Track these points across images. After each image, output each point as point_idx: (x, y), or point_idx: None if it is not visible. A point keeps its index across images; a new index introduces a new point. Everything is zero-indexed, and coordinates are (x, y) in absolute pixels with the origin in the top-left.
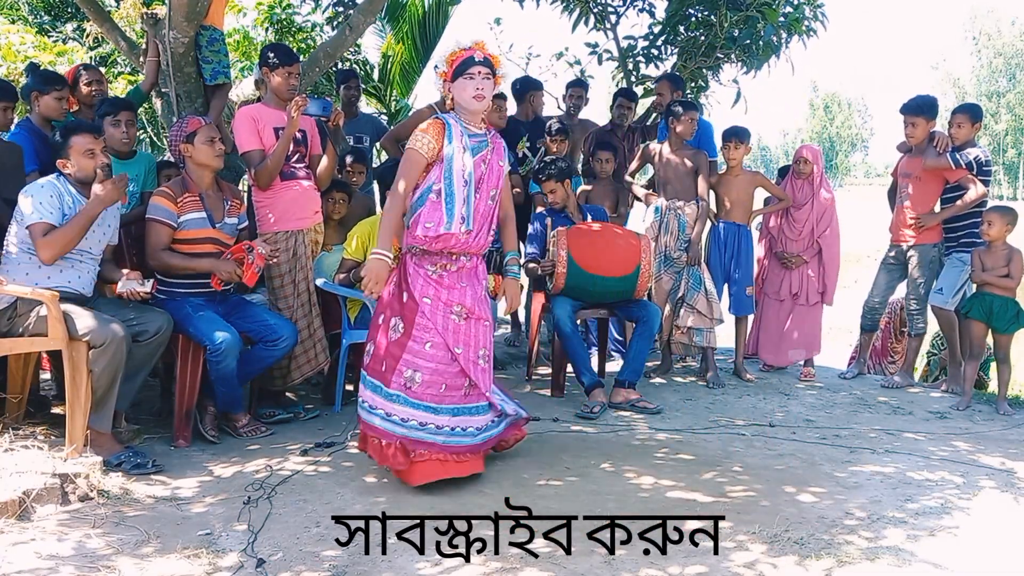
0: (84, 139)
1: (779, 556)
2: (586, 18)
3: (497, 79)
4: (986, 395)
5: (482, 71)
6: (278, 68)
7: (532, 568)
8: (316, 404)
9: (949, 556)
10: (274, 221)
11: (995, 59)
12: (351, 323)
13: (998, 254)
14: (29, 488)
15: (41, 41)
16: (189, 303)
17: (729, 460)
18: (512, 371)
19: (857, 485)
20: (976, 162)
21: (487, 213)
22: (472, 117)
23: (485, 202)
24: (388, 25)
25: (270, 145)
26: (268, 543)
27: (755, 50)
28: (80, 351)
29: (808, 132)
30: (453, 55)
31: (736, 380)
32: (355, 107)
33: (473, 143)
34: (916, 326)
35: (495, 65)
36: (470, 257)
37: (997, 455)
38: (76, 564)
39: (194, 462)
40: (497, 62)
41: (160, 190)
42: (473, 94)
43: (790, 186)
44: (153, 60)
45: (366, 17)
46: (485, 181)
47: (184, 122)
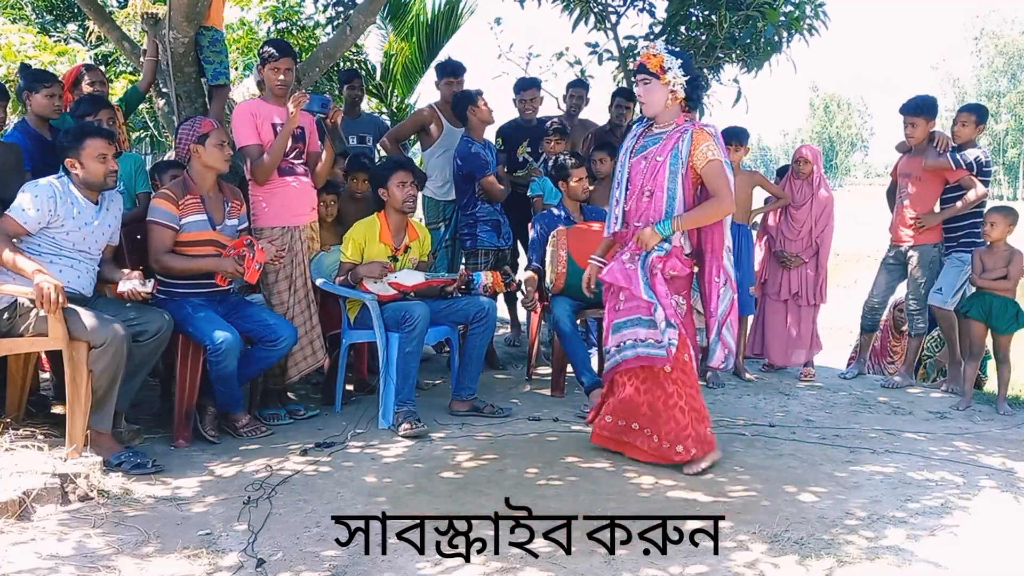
0: (99, 143)
1: (780, 556)
2: (586, 18)
3: (663, 78)
4: (986, 395)
5: (638, 78)
6: (268, 62)
7: (532, 568)
8: (316, 404)
9: (950, 556)
10: (270, 216)
11: (996, 59)
12: (351, 323)
13: (999, 255)
14: (29, 488)
15: (42, 40)
16: (189, 303)
17: (729, 460)
18: (512, 371)
19: (857, 485)
20: (976, 163)
21: (645, 210)
22: (657, 119)
23: (638, 200)
24: (390, 25)
25: (268, 141)
26: (268, 543)
27: (755, 50)
28: (80, 351)
29: (808, 132)
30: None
31: (736, 380)
32: (358, 107)
33: (639, 143)
34: (916, 326)
35: (650, 67)
36: None
37: (997, 455)
38: (76, 564)
39: (194, 462)
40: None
41: (161, 192)
42: (639, 101)
43: (789, 186)
44: (152, 60)
45: (366, 17)
46: (637, 178)
47: (197, 122)
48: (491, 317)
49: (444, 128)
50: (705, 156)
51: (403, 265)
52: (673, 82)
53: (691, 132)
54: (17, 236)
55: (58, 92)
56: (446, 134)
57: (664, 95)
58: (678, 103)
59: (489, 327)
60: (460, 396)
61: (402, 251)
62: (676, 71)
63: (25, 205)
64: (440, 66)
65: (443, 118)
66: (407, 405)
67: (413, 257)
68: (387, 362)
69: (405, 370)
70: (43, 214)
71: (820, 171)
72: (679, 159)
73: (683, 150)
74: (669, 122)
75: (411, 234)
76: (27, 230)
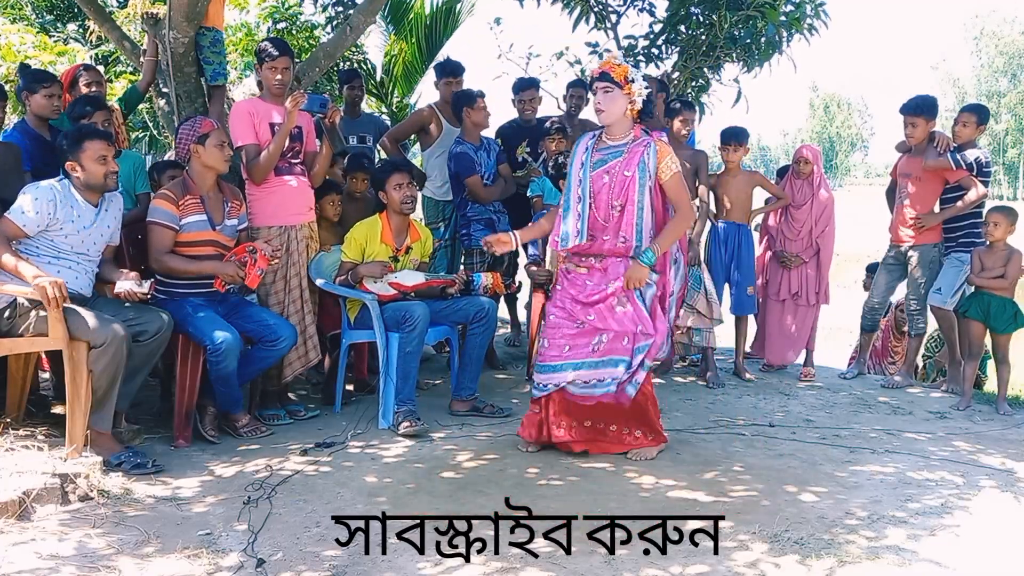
0: (98, 144)
1: (780, 556)
2: (586, 17)
3: (627, 88)
4: (986, 395)
5: (599, 86)
6: (265, 62)
7: (532, 568)
8: (316, 404)
9: (951, 555)
10: (266, 216)
11: (996, 59)
12: (351, 323)
13: (997, 254)
14: (29, 488)
15: (42, 40)
16: (189, 303)
17: (729, 460)
18: (512, 371)
19: (857, 485)
20: (977, 163)
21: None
22: (610, 129)
23: (606, 213)
24: (391, 25)
25: (265, 140)
26: (268, 543)
27: (755, 50)
28: (80, 351)
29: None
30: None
31: (736, 380)
32: (358, 107)
33: (597, 157)
34: (916, 326)
35: (615, 76)
36: (600, 258)
37: (997, 455)
38: (77, 564)
39: (194, 462)
40: (619, 73)
41: (161, 193)
42: (595, 109)
43: (789, 186)
44: (152, 60)
45: (366, 17)
46: (603, 193)
47: (197, 122)
48: (491, 317)
49: (444, 128)
50: (670, 168)
51: (404, 266)
52: (635, 94)
53: (654, 145)
54: (15, 238)
55: (57, 92)
56: (445, 134)
57: (624, 105)
58: (632, 115)
59: (489, 327)
60: (460, 396)
61: (403, 252)
62: (640, 82)
63: (25, 207)
64: (439, 66)
65: (443, 118)
66: (407, 405)
67: (414, 258)
68: (387, 362)
69: (405, 370)
70: (42, 217)
71: (820, 171)
72: (647, 172)
73: (650, 163)
74: (625, 134)
75: (413, 235)
76: (25, 232)
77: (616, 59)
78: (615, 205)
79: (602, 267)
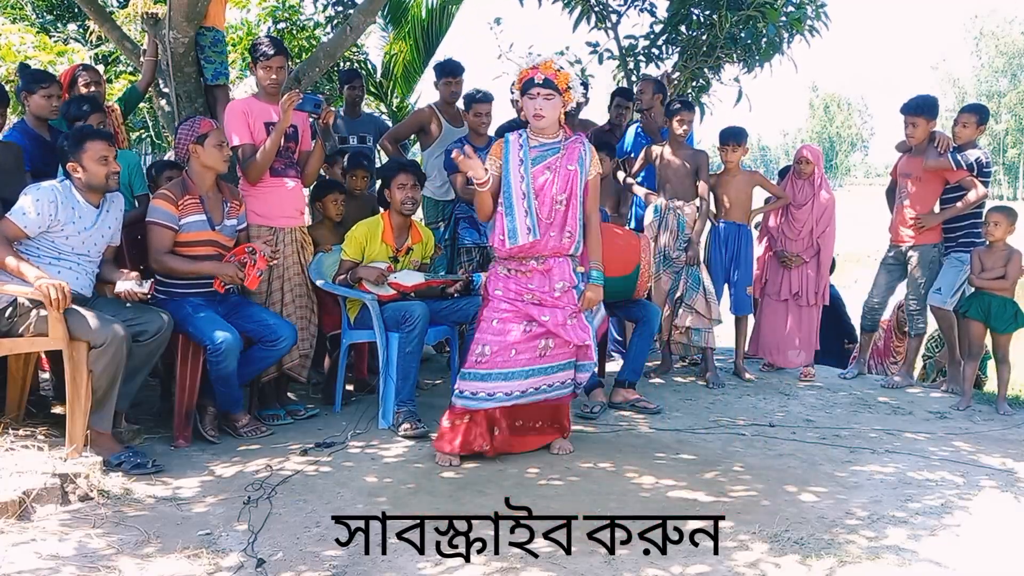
0: (99, 145)
1: (780, 556)
2: (587, 17)
3: (566, 95)
4: (986, 395)
5: (541, 92)
6: (260, 61)
7: (532, 568)
8: (316, 404)
9: (951, 555)
10: (258, 216)
11: (996, 59)
12: (351, 323)
13: (997, 254)
14: (29, 488)
15: (42, 40)
16: (189, 303)
17: (729, 460)
18: None
19: (857, 485)
20: (977, 163)
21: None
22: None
23: (551, 209)
24: (390, 25)
25: (260, 139)
26: (268, 543)
27: (756, 50)
28: (80, 351)
29: (808, 132)
30: (521, 74)
31: (736, 380)
32: (358, 107)
33: (535, 154)
34: (916, 326)
35: (558, 84)
36: (541, 260)
37: (997, 455)
38: (77, 564)
39: (194, 462)
40: (561, 80)
41: (161, 193)
42: (532, 113)
43: (790, 186)
44: (152, 60)
45: (366, 17)
46: (547, 188)
47: (196, 122)
48: None
49: (443, 128)
50: (597, 168)
51: (404, 266)
52: (572, 100)
53: (588, 143)
54: (16, 239)
55: (56, 92)
56: (445, 134)
57: (560, 109)
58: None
59: None
60: None
61: (404, 252)
62: (578, 88)
63: (26, 208)
64: (439, 66)
65: (442, 118)
66: (407, 405)
67: (415, 259)
68: (387, 362)
69: (405, 370)
70: (43, 218)
71: (821, 172)
72: (584, 168)
73: (587, 160)
74: (555, 133)
75: (414, 236)
76: (27, 233)
77: (555, 64)
78: (559, 200)
79: (544, 268)
